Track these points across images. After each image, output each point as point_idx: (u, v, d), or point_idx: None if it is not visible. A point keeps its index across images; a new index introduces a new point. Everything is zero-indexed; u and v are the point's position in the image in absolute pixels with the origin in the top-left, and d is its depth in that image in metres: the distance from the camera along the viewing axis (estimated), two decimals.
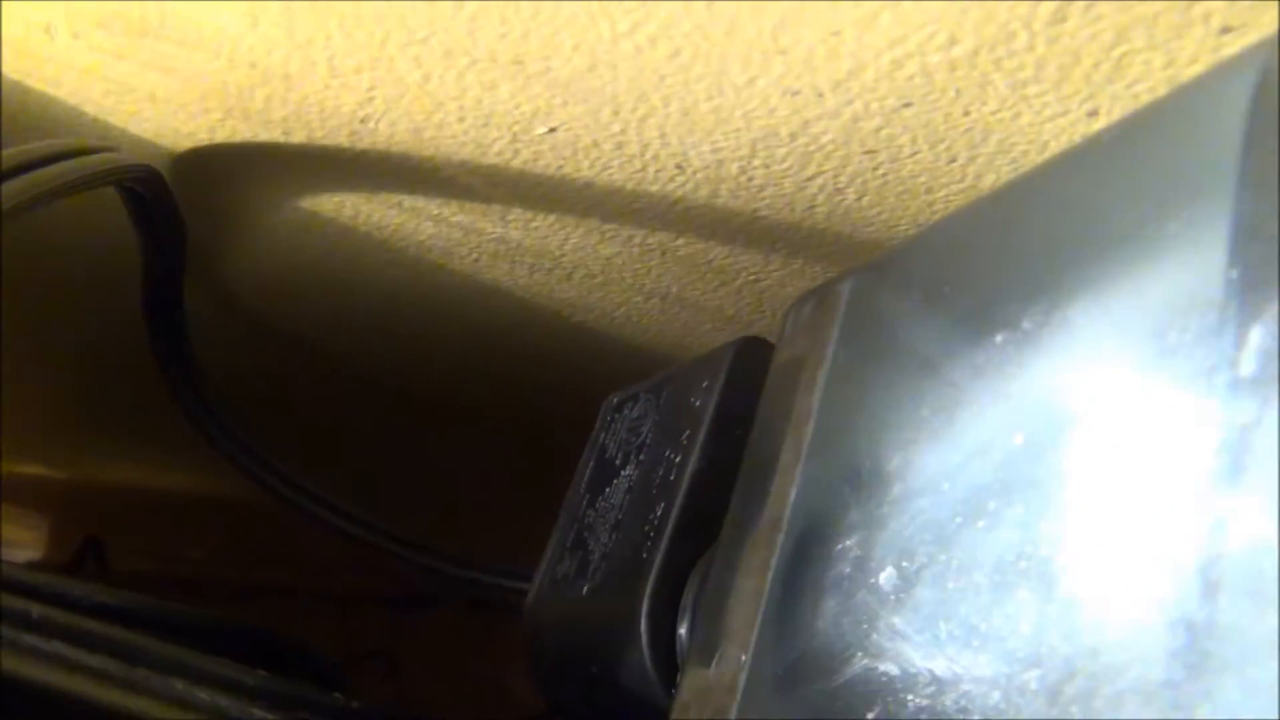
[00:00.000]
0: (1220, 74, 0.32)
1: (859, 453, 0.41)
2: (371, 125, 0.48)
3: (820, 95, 0.42)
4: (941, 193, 0.50)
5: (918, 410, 0.38)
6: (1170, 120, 0.33)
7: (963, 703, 0.30)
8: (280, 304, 0.71)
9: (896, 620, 0.34)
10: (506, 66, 0.42)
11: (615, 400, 0.69)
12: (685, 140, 0.47)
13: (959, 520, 0.33)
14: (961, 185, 0.49)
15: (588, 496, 0.67)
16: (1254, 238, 0.28)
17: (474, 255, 0.63)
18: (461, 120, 0.47)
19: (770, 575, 0.42)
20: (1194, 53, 0.37)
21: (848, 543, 0.38)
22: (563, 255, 0.61)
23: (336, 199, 0.57)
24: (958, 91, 0.41)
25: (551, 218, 0.57)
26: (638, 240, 0.59)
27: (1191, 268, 0.29)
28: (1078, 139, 0.43)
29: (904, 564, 0.35)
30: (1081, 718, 0.25)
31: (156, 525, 1.05)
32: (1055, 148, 0.44)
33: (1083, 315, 0.32)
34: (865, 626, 0.35)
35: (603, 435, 0.69)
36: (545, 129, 0.47)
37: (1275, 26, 0.35)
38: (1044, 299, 0.34)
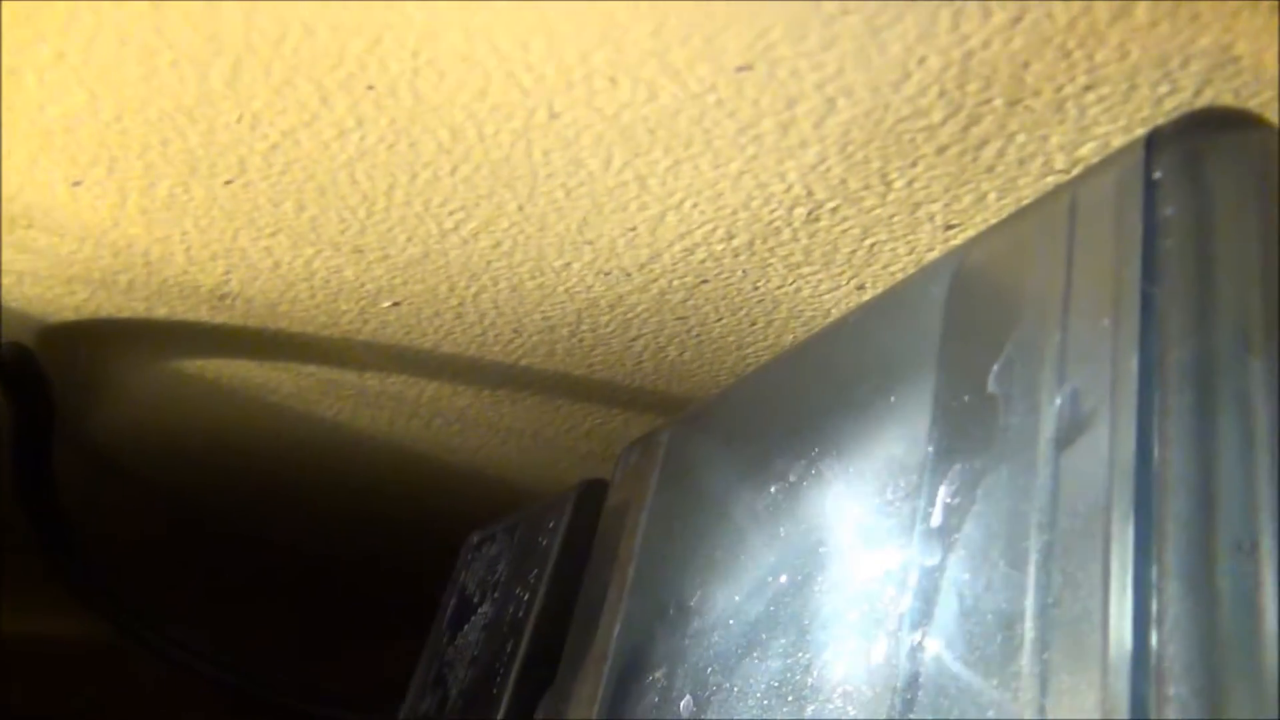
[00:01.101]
0: (930, 270, 0.39)
1: (669, 590, 0.46)
2: (230, 301, 0.53)
3: (628, 275, 0.49)
4: (751, 349, 0.56)
5: (712, 551, 0.44)
6: (893, 308, 0.40)
7: None
8: (148, 461, 0.74)
9: None
10: (349, 254, 0.48)
11: (475, 539, 0.73)
12: (518, 310, 0.53)
13: (740, 651, 0.38)
14: (766, 343, 0.55)
15: (449, 634, 0.70)
16: (945, 410, 0.34)
17: (335, 407, 0.67)
18: (313, 296, 0.52)
19: (596, 708, 0.47)
20: (929, 243, 0.44)
21: (657, 674, 0.43)
22: (420, 404, 0.66)
23: (199, 364, 0.61)
24: (745, 272, 0.48)
25: (404, 375, 0.62)
26: (487, 391, 0.64)
27: (904, 434, 0.35)
28: (849, 306, 0.51)
29: (699, 692, 0.40)
30: None
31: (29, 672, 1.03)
32: (836, 313, 0.51)
33: (830, 471, 0.38)
34: None
35: (464, 573, 0.73)
36: (390, 303, 0.53)
37: (985, 224, 0.42)
38: (806, 455, 0.40)
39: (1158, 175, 0.30)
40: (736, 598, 0.40)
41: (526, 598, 0.61)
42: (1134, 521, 0.26)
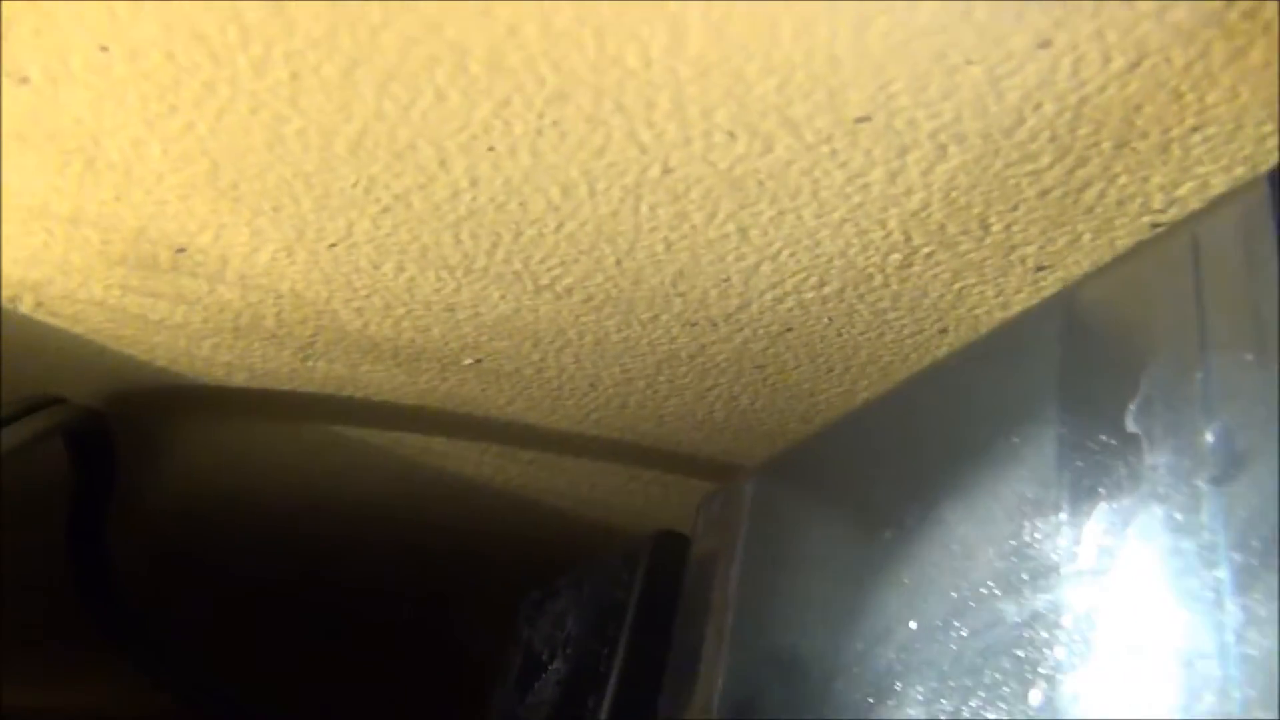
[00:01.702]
0: (1038, 313, 0.40)
1: (775, 640, 0.46)
2: (310, 364, 0.53)
3: (715, 325, 0.49)
4: (823, 395, 0.56)
5: (822, 600, 0.43)
6: (1001, 350, 0.41)
7: None
8: (200, 529, 0.74)
9: None
10: (439, 313, 0.48)
11: (536, 596, 0.72)
12: (597, 364, 0.53)
13: (871, 700, 0.38)
14: (840, 389, 0.56)
15: (517, 693, 0.70)
16: (1077, 450, 0.34)
17: (395, 467, 0.67)
18: (395, 356, 0.52)
19: None
20: (1017, 285, 0.45)
21: None
22: (482, 461, 0.66)
23: (267, 428, 0.61)
24: (830, 319, 0.48)
25: (471, 433, 0.62)
26: (553, 446, 0.64)
27: (1033, 474, 0.36)
28: (932, 352, 0.51)
29: None
30: None
31: None
32: (915, 357, 0.52)
33: (953, 514, 0.38)
34: None
35: (526, 631, 0.73)
36: (471, 360, 0.53)
37: (1081, 266, 0.43)
38: (921, 499, 0.40)
39: None
40: (859, 645, 0.40)
41: (606, 651, 0.61)
42: None
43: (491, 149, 0.36)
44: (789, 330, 0.50)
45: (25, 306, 0.48)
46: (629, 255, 0.43)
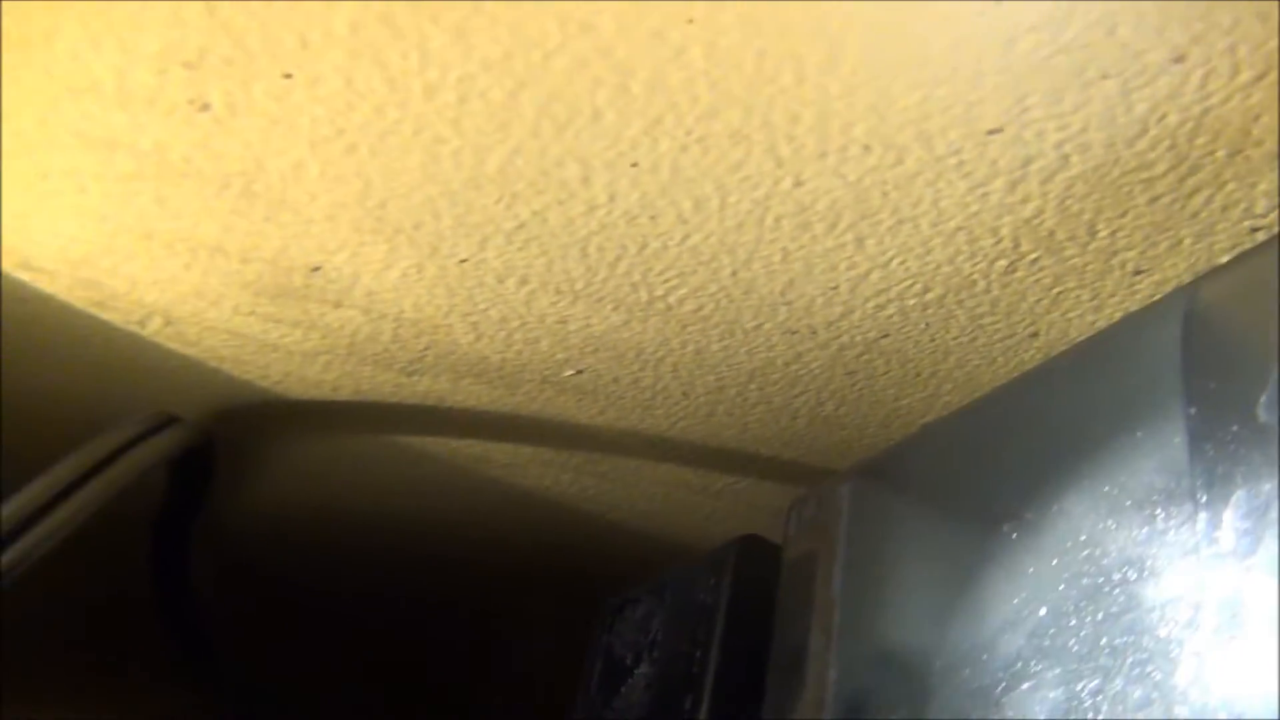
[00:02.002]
0: (1153, 313, 0.42)
1: (889, 635, 0.47)
2: (416, 378, 0.55)
3: (814, 333, 0.51)
4: (906, 400, 0.58)
5: (939, 592, 0.45)
6: (1115, 349, 0.42)
7: None
8: (285, 547, 0.75)
9: None
10: (551, 325, 0.50)
11: (615, 603, 0.74)
12: (694, 373, 0.55)
13: (1004, 685, 0.39)
14: (924, 394, 0.57)
15: (601, 697, 0.71)
16: (1208, 440, 0.36)
17: (479, 478, 0.68)
18: (501, 369, 0.54)
19: None
20: (1113, 289, 0.47)
21: (897, 714, 0.44)
22: (565, 469, 0.67)
23: (363, 442, 0.62)
24: (927, 325, 0.50)
25: (559, 442, 0.64)
26: (635, 454, 0.66)
27: (1161, 465, 0.37)
28: (1019, 355, 0.53)
29: None
30: None
31: None
32: (1002, 361, 0.54)
33: (1077, 507, 0.40)
34: None
35: (605, 637, 0.74)
36: (573, 371, 0.54)
37: (1177, 270, 0.45)
38: (1040, 493, 0.41)
39: None
40: (986, 634, 0.41)
41: (698, 654, 0.62)
42: None
43: (635, 165, 0.38)
44: (885, 337, 0.51)
45: (152, 328, 0.49)
46: (745, 266, 0.45)
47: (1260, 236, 0.42)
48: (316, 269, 0.45)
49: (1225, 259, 0.44)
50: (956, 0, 0.31)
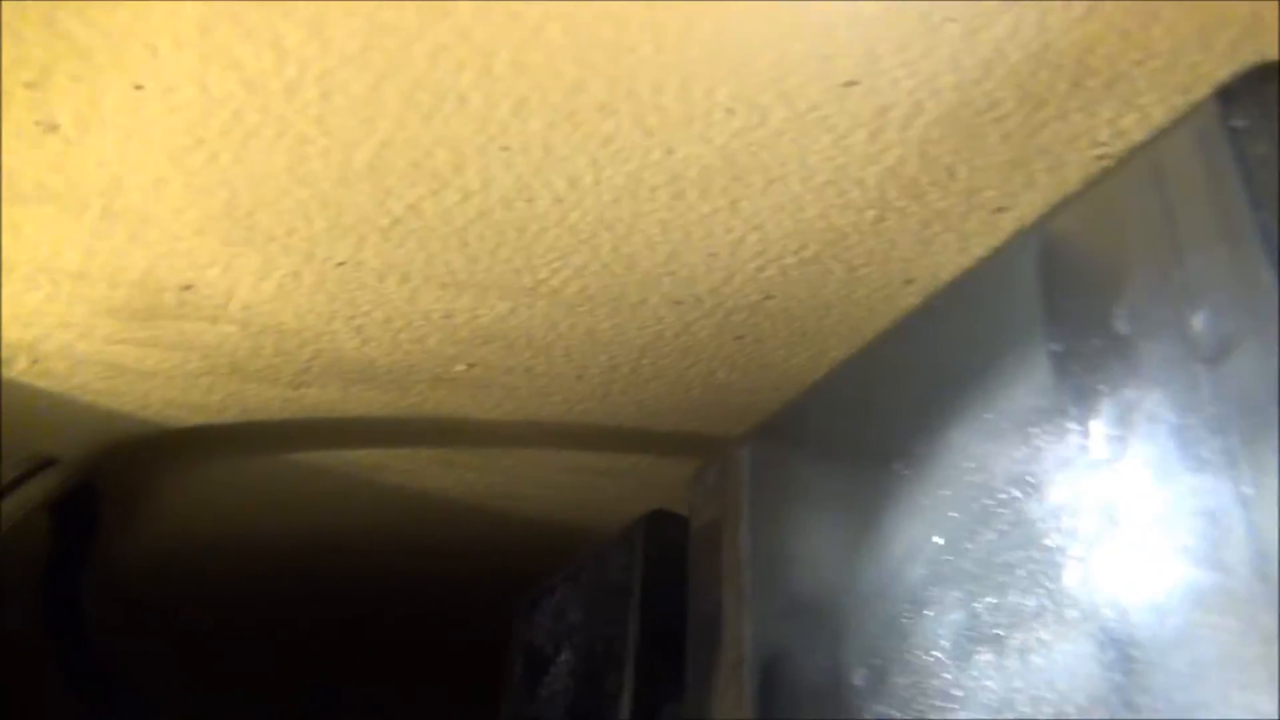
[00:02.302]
0: (1013, 247, 0.44)
1: (799, 586, 0.49)
2: (303, 391, 0.54)
3: (700, 301, 0.52)
4: (796, 360, 0.60)
5: (842, 537, 0.46)
6: (980, 286, 0.44)
7: None
8: (176, 579, 0.73)
9: (880, 707, 0.41)
10: (438, 321, 0.49)
11: (528, 597, 0.74)
12: (586, 355, 0.55)
13: (910, 613, 0.41)
14: (812, 351, 0.59)
15: (526, 690, 0.71)
16: (1070, 358, 0.38)
17: (379, 485, 0.67)
18: (390, 371, 0.53)
19: (747, 707, 0.49)
20: (976, 228, 0.49)
21: (814, 660, 0.46)
22: (468, 467, 0.67)
23: (250, 464, 0.61)
24: (807, 282, 0.51)
25: (456, 441, 0.63)
26: (534, 443, 0.66)
27: (1032, 386, 0.39)
28: (897, 303, 0.55)
29: (873, 661, 0.42)
30: None
31: None
32: (882, 310, 0.55)
33: (960, 436, 0.42)
34: None
35: (524, 631, 0.74)
36: (464, 366, 0.54)
37: (1034, 205, 0.47)
38: (927, 429, 0.43)
39: (1239, 124, 0.35)
40: (889, 569, 0.43)
41: (618, 633, 0.63)
42: None
43: (506, 148, 0.38)
44: (769, 298, 0.53)
45: (18, 367, 0.47)
46: (626, 240, 0.45)
47: (1106, 164, 0.45)
48: (189, 287, 0.43)
49: (1078, 189, 0.47)
50: None
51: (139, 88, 0.33)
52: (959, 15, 0.36)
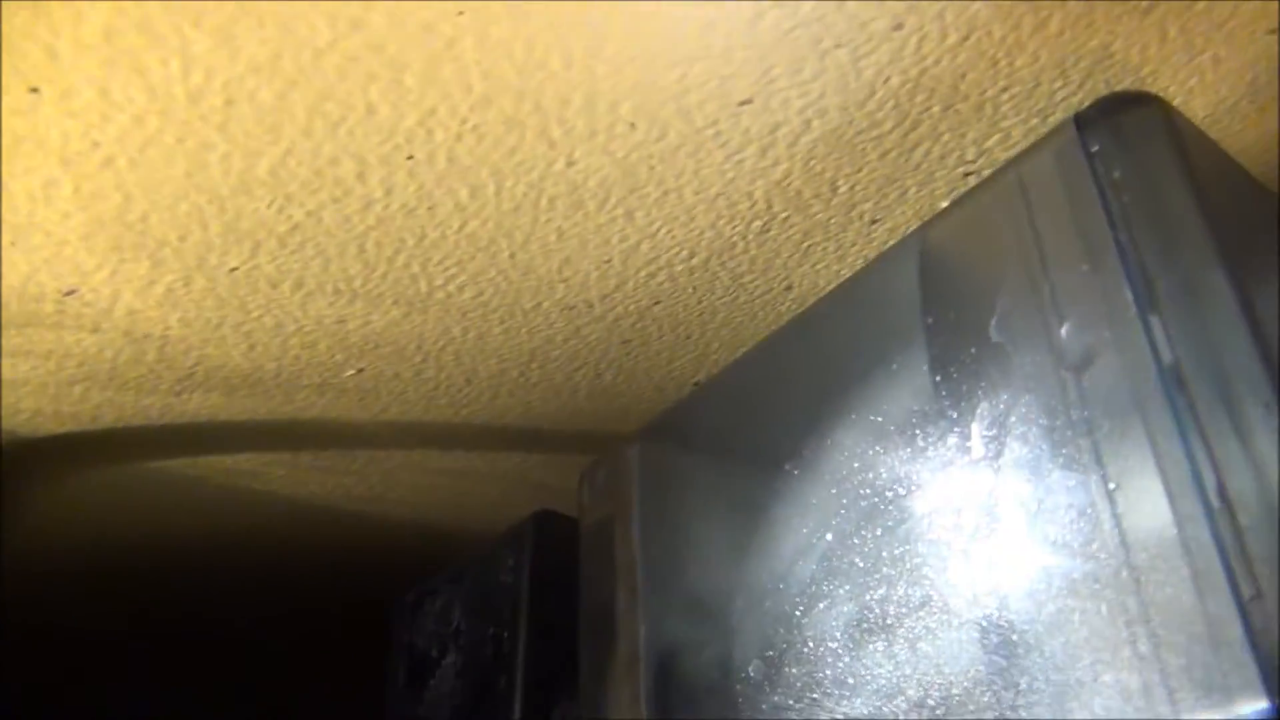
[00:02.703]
0: (891, 256, 0.46)
1: (693, 582, 0.50)
2: (185, 397, 0.52)
3: (591, 307, 0.53)
4: (678, 363, 0.61)
5: (733, 535, 0.48)
6: (864, 293, 0.47)
7: None
8: (80, 572, 0.69)
9: (775, 698, 0.43)
10: (330, 326, 0.49)
11: (409, 599, 0.74)
12: (475, 359, 0.56)
13: (802, 608, 0.43)
14: (694, 354, 0.61)
15: (410, 693, 0.71)
16: (950, 364, 0.41)
17: (262, 488, 0.66)
18: (277, 376, 0.53)
19: (643, 704, 0.50)
20: (853, 239, 0.51)
21: (708, 654, 0.47)
22: (349, 472, 0.66)
23: (132, 468, 0.59)
24: (694, 288, 0.53)
25: (341, 445, 0.63)
26: (418, 447, 0.66)
27: (915, 391, 0.42)
28: (776, 309, 0.57)
29: (767, 654, 0.44)
30: (944, 717, 0.36)
31: None
32: (762, 316, 0.58)
33: (848, 437, 0.44)
34: (750, 711, 0.44)
35: (406, 634, 0.74)
36: (354, 371, 0.54)
37: (905, 217, 0.50)
38: (815, 430, 0.45)
39: (1095, 148, 0.39)
40: (781, 566, 0.45)
41: (506, 634, 0.64)
42: (1171, 412, 0.33)
43: (410, 157, 0.38)
44: (657, 304, 0.54)
45: None
46: (523, 248, 0.46)
47: (972, 180, 0.48)
48: (71, 292, 0.42)
49: (945, 203, 0.50)
50: None
51: (34, 90, 0.32)
52: (847, 42, 0.38)
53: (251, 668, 0.82)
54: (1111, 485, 0.34)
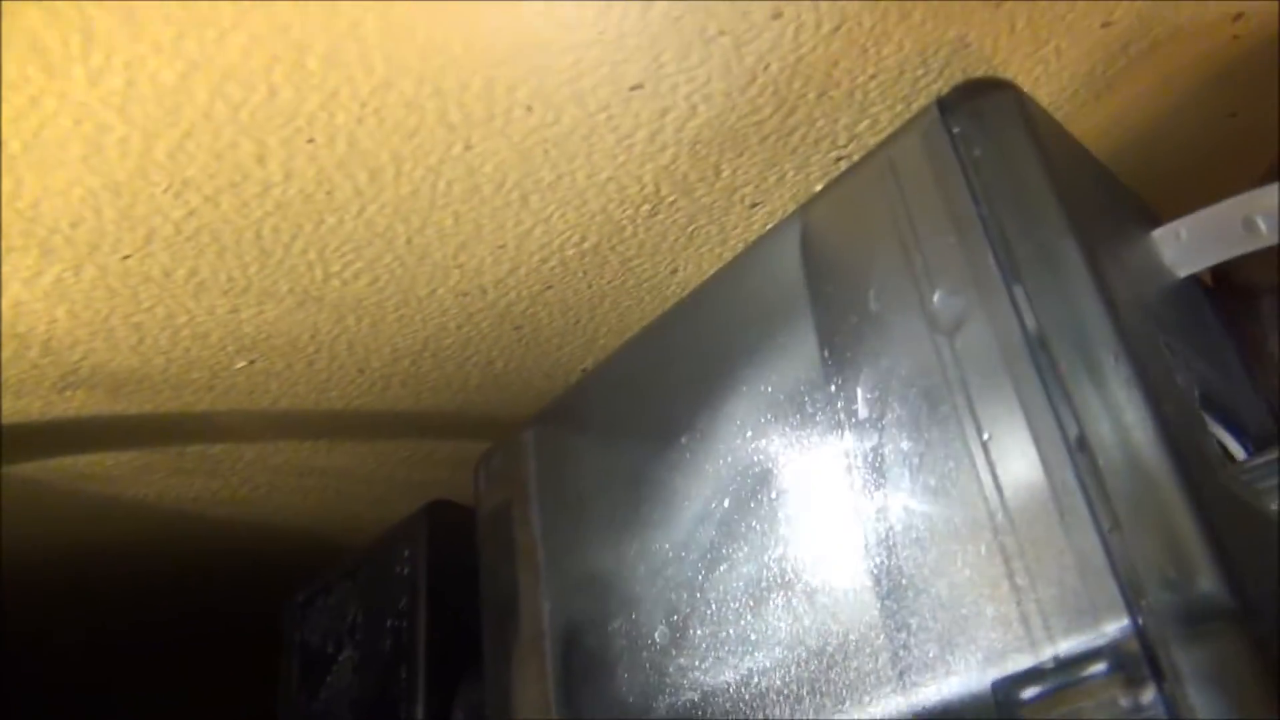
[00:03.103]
0: (774, 235, 0.49)
1: (593, 559, 0.52)
2: (69, 394, 0.51)
3: (484, 292, 0.54)
4: (567, 348, 0.63)
5: (634, 509, 0.50)
6: (749, 271, 0.49)
7: (758, 692, 0.42)
8: None
9: (682, 660, 0.45)
10: (223, 316, 0.49)
11: (301, 597, 0.73)
12: (369, 347, 0.56)
13: (703, 571, 0.45)
14: (583, 339, 0.62)
15: (304, 692, 0.70)
16: (834, 334, 0.43)
17: (149, 487, 0.65)
18: (165, 370, 0.52)
19: (550, 677, 0.51)
20: (735, 222, 0.54)
21: (614, 625, 0.49)
22: (236, 467, 0.66)
23: (12, 473, 0.57)
24: (584, 272, 0.55)
25: (229, 441, 0.62)
26: (308, 442, 0.65)
27: (802, 361, 0.44)
28: (662, 291, 0.59)
29: (671, 618, 0.46)
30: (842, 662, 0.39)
31: None
32: (649, 300, 0.60)
33: (739, 409, 0.46)
34: (657, 675, 0.46)
35: (298, 633, 0.73)
36: (245, 362, 0.54)
37: (783, 200, 0.52)
38: (707, 404, 0.48)
39: (957, 130, 0.42)
40: (680, 534, 0.47)
41: (405, 624, 0.64)
42: (1035, 368, 0.36)
43: (311, 140, 0.39)
44: (549, 289, 0.55)
45: None
46: (419, 233, 0.47)
47: (843, 164, 0.51)
48: None
49: (819, 186, 0.53)
50: None
51: None
52: (730, 29, 0.40)
53: (133, 677, 0.80)
54: (985, 436, 0.37)
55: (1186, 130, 0.55)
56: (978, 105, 0.42)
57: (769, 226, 0.55)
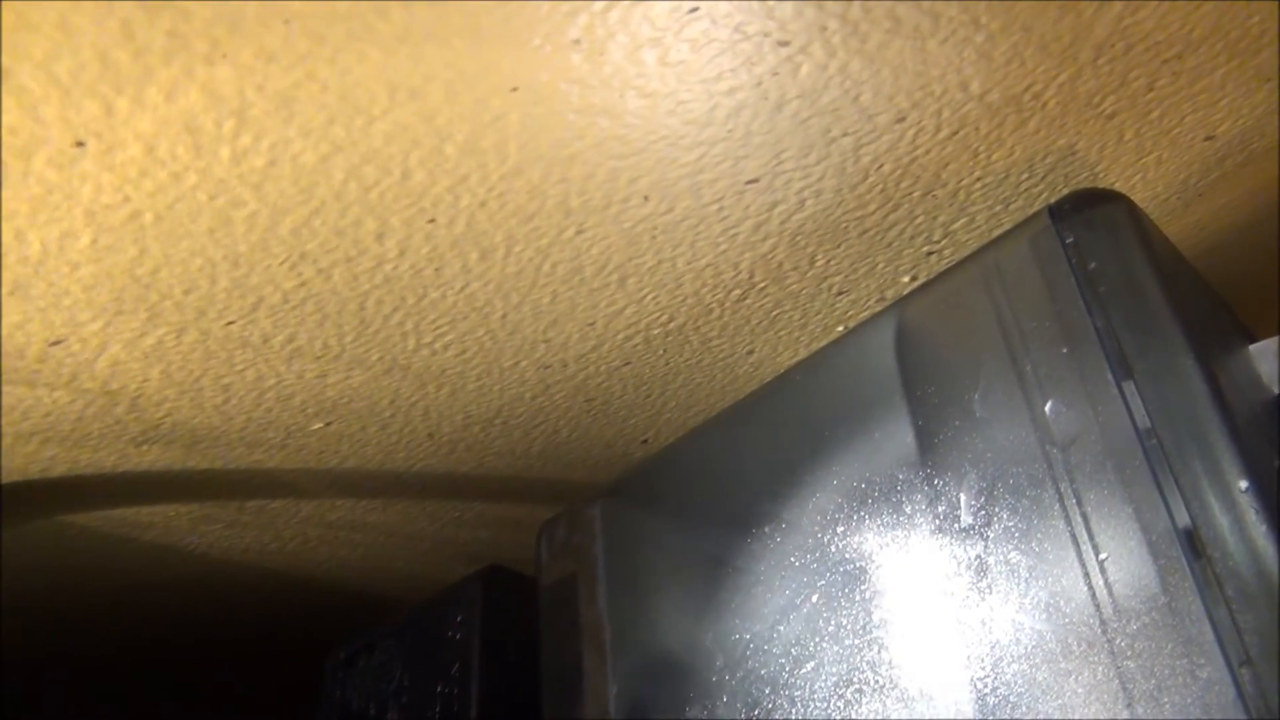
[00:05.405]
0: (868, 328, 0.49)
1: (663, 642, 0.51)
2: (145, 448, 0.51)
3: (565, 366, 0.54)
4: (633, 421, 0.63)
5: (710, 595, 0.50)
6: (841, 363, 0.49)
7: None
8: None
9: None
10: (311, 380, 0.49)
11: (342, 655, 0.72)
12: (443, 413, 0.56)
13: (789, 667, 0.45)
14: (649, 413, 0.62)
15: None
16: (934, 435, 0.43)
17: (203, 539, 0.64)
18: (244, 429, 0.52)
19: None
20: (819, 308, 0.54)
21: (687, 714, 0.48)
22: (291, 523, 0.65)
23: (74, 519, 0.56)
24: (664, 350, 0.55)
25: (289, 497, 0.61)
26: (365, 499, 0.65)
27: (897, 459, 0.44)
28: (735, 371, 0.59)
29: (753, 712, 0.46)
30: None
31: None
32: (720, 378, 0.60)
33: (831, 502, 0.46)
34: None
35: (338, 691, 0.72)
36: (321, 425, 0.53)
37: (869, 290, 0.53)
38: (793, 495, 0.47)
39: (1070, 239, 0.42)
40: (762, 625, 0.47)
41: (457, 690, 0.63)
42: (1155, 484, 0.36)
43: (432, 220, 0.39)
44: (626, 364, 0.55)
45: None
46: (516, 309, 0.47)
47: (934, 259, 0.51)
48: (57, 342, 0.41)
49: (906, 278, 0.53)
50: (744, 71, 0.35)
51: (80, 144, 0.31)
52: (854, 130, 0.40)
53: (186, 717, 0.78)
54: (1103, 556, 0.37)
55: (1264, 240, 0.56)
56: (1091, 215, 0.42)
57: (850, 314, 0.55)
